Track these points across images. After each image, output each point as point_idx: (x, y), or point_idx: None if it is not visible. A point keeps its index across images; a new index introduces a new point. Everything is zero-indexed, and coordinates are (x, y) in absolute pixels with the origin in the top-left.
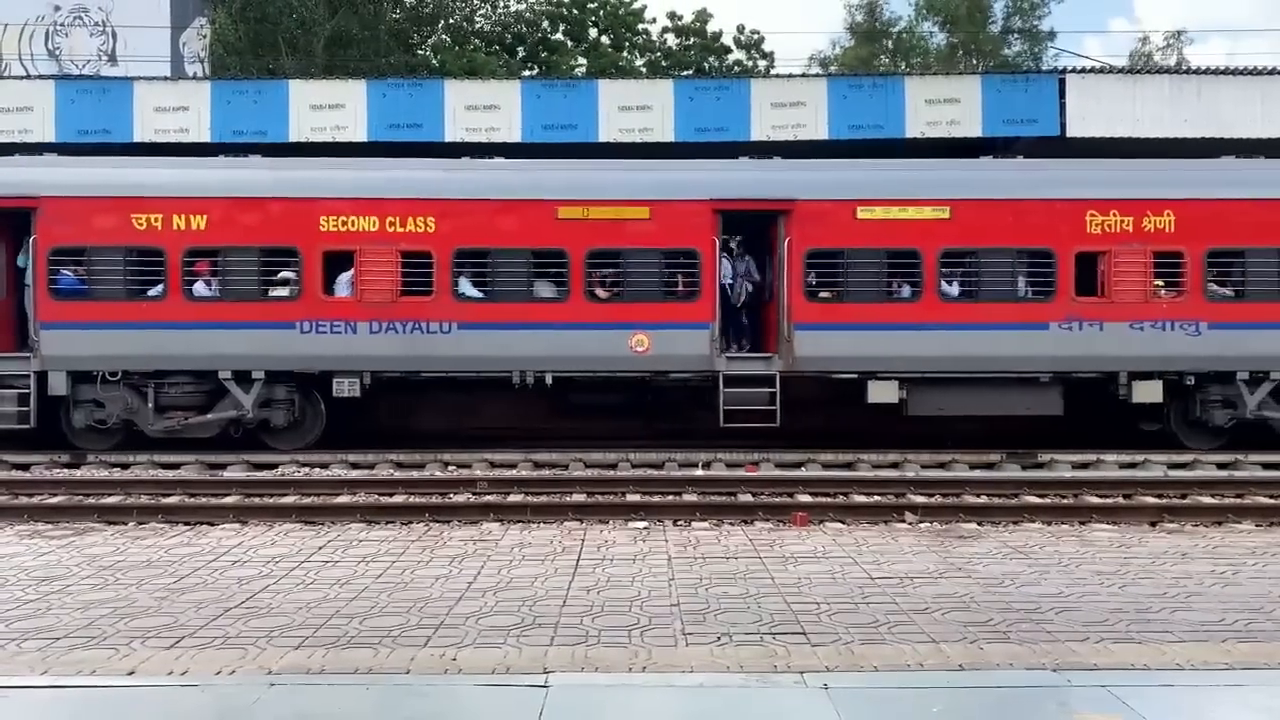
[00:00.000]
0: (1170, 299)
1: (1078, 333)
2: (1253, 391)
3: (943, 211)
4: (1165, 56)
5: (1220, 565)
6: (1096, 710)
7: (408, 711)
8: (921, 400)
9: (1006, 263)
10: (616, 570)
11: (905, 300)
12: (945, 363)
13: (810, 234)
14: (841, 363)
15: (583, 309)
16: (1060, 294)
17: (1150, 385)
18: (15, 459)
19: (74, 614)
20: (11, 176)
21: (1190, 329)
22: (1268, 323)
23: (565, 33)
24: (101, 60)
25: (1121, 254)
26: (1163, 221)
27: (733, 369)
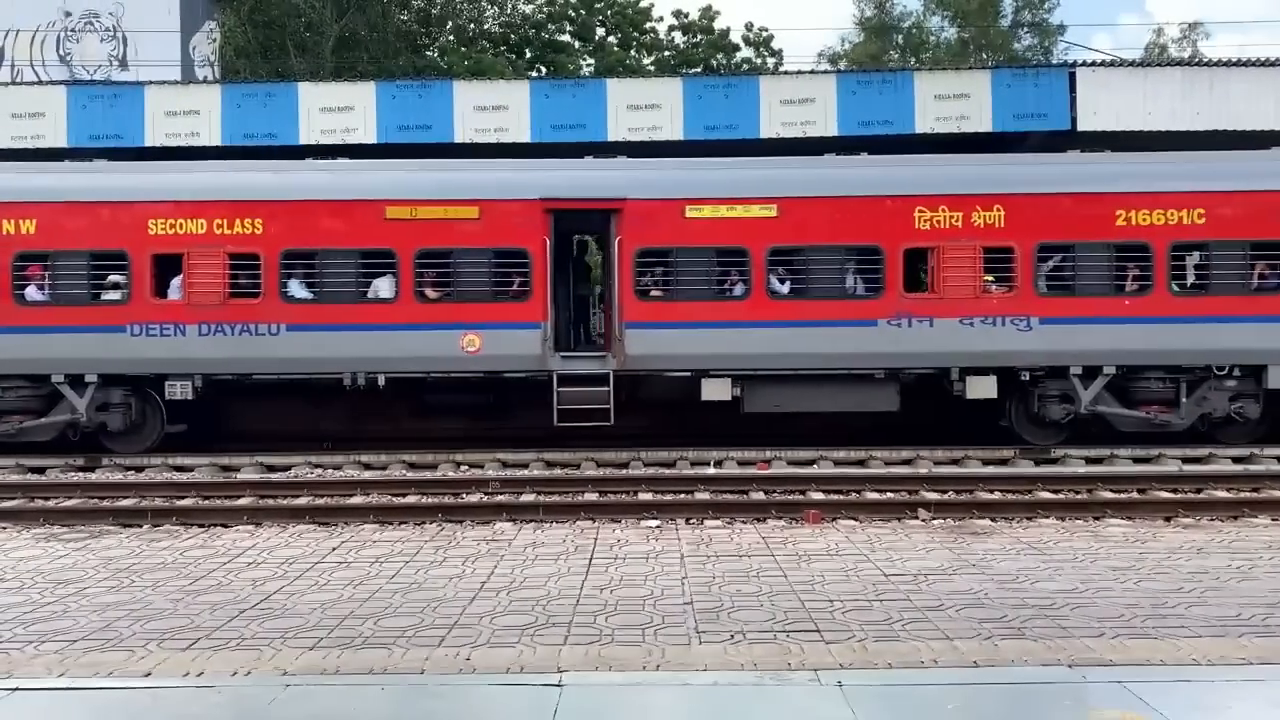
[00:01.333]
0: (1000, 294)
1: (907, 329)
2: (1086, 386)
3: (770, 210)
4: (1181, 49)
5: (1237, 560)
6: (1112, 706)
7: (423, 711)
8: (757, 397)
9: (835, 260)
10: (630, 569)
11: (735, 298)
12: (777, 360)
13: (640, 233)
14: (673, 361)
15: (412, 309)
16: (889, 290)
17: (984, 381)
18: (31, 462)
19: (90, 616)
20: None
21: (1021, 324)
22: (1098, 317)
23: (572, 33)
24: (112, 65)
25: (950, 250)
26: (992, 216)
27: (567, 368)
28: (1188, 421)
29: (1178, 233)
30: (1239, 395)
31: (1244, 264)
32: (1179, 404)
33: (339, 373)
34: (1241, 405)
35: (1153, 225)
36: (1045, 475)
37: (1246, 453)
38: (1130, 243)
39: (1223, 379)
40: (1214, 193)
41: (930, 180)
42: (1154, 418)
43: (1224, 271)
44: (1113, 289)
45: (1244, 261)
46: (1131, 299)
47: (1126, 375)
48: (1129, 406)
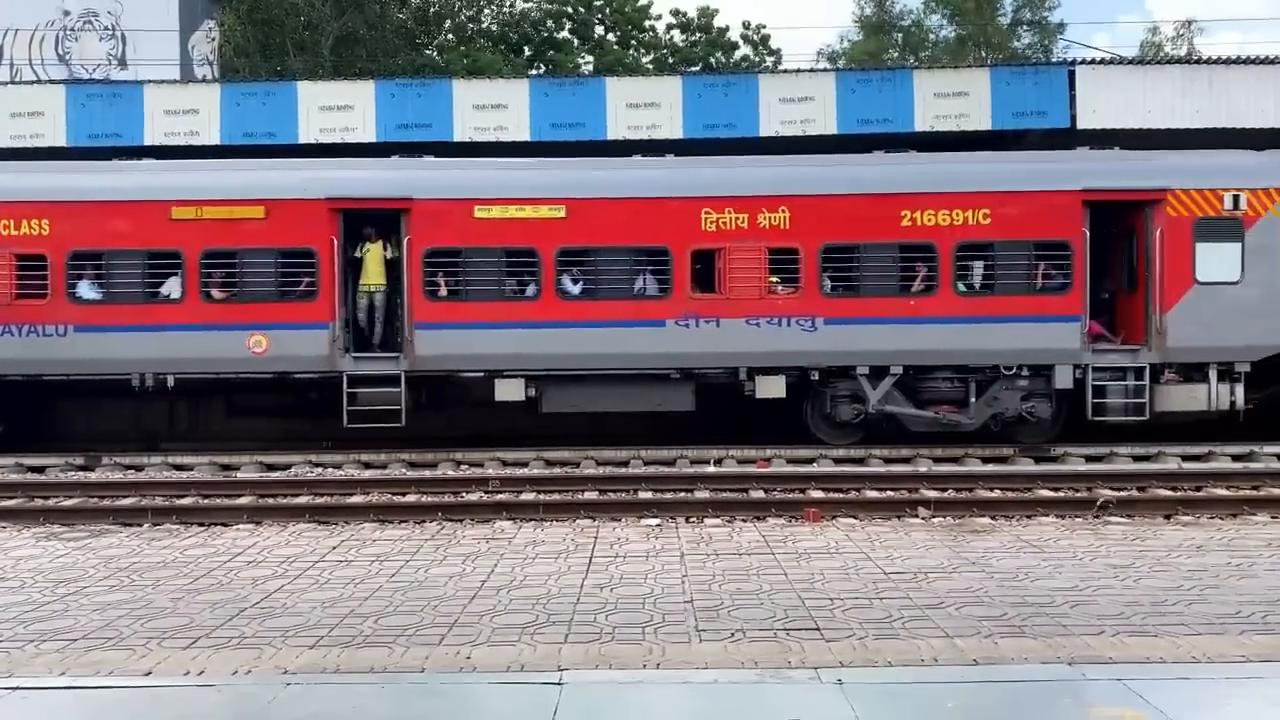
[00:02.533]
0: (787, 295)
1: (695, 329)
2: (874, 386)
3: (559, 211)
4: (1176, 46)
5: (1236, 557)
6: (1112, 704)
7: (423, 710)
8: (554, 398)
9: (624, 261)
10: (630, 567)
11: (526, 299)
12: (569, 360)
13: (429, 233)
14: (464, 361)
15: (199, 310)
16: (677, 291)
17: (773, 381)
18: (31, 461)
19: (91, 615)
20: None
21: (806, 324)
22: (884, 317)
23: (571, 31)
24: (111, 64)
25: (736, 251)
26: (778, 218)
27: (359, 369)
28: (978, 421)
29: (963, 233)
30: (1031, 395)
31: (1029, 264)
32: (969, 404)
33: (127, 374)
34: (1033, 405)
35: (938, 226)
36: (1045, 473)
37: (1246, 450)
38: (915, 243)
39: (1013, 379)
40: (999, 193)
41: (717, 182)
42: (943, 418)
43: (1009, 271)
44: (898, 289)
45: (1029, 261)
46: (917, 299)
47: (916, 375)
48: (920, 406)
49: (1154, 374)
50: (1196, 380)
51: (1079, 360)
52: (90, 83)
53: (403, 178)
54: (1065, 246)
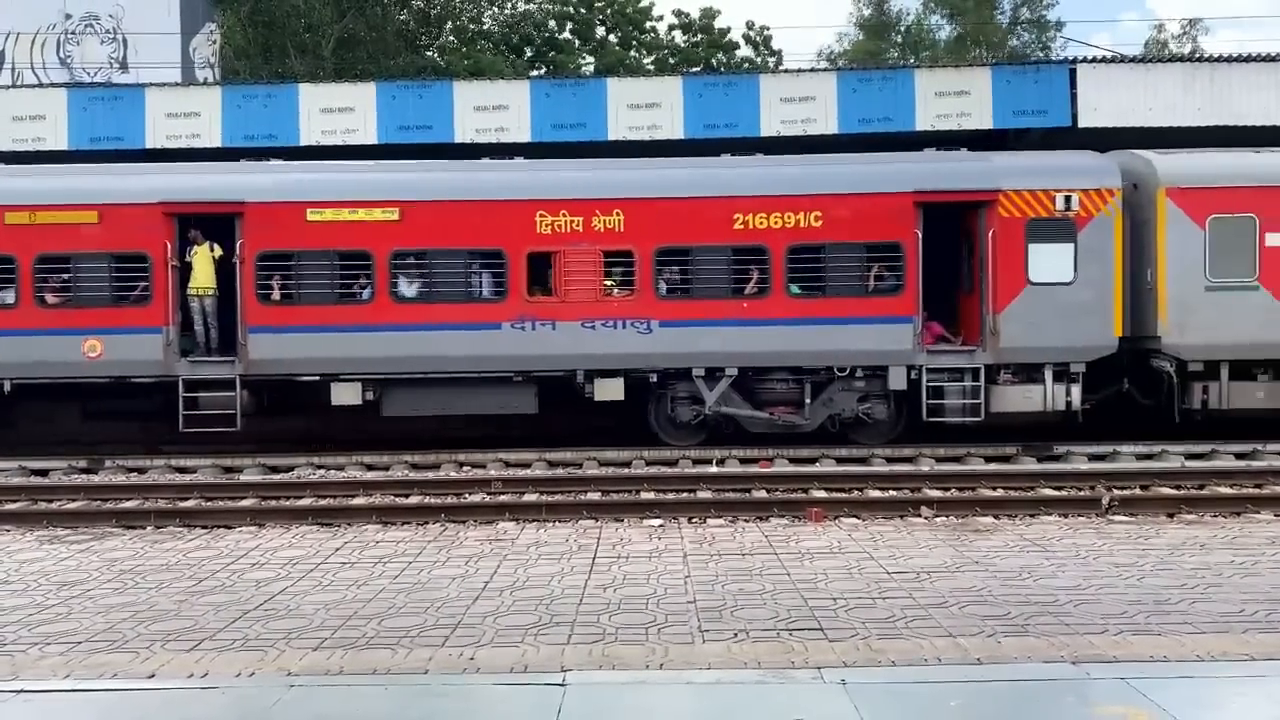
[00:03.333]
0: (622, 297)
1: (531, 332)
2: (711, 387)
3: (392, 213)
4: (1180, 45)
5: (1239, 556)
6: (1116, 703)
7: (426, 711)
8: (395, 401)
9: (459, 263)
10: (632, 568)
11: (360, 302)
12: (405, 364)
13: (262, 236)
14: (298, 365)
15: (33, 314)
16: (512, 294)
17: (611, 383)
18: (34, 465)
19: (95, 618)
20: None
21: (642, 327)
22: (717, 320)
23: (572, 31)
24: (113, 67)
25: (571, 254)
26: (612, 221)
27: (195, 373)
28: (814, 423)
29: (795, 235)
30: (868, 396)
31: (861, 266)
32: (805, 405)
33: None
34: (870, 406)
35: (770, 228)
36: (1047, 472)
37: (1249, 449)
38: (748, 245)
39: (850, 380)
40: (830, 195)
41: (551, 185)
42: (778, 419)
43: (841, 274)
44: (732, 292)
45: (861, 263)
46: (750, 302)
47: (754, 377)
48: (758, 407)
49: (991, 375)
50: (1032, 381)
51: (913, 361)
52: (92, 86)
53: (236, 181)
54: (897, 248)
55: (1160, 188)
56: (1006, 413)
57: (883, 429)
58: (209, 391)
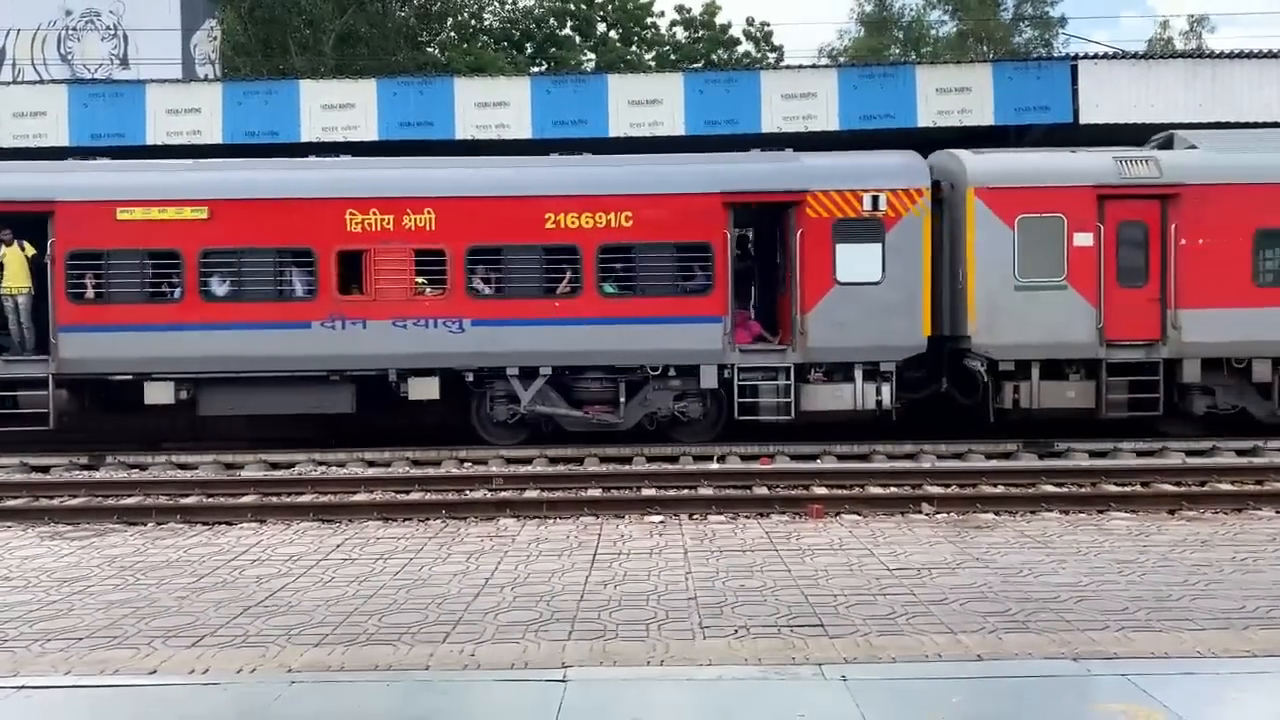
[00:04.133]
0: (434, 296)
1: (342, 331)
2: (526, 387)
3: (201, 212)
4: (1186, 41)
5: (1241, 552)
6: (1117, 700)
7: (427, 708)
8: (212, 400)
9: (268, 262)
10: (633, 564)
11: (170, 301)
12: (216, 363)
13: (72, 236)
14: (110, 364)
15: None
16: (323, 292)
17: (426, 382)
18: (35, 461)
19: (96, 614)
20: None
21: (454, 326)
22: (530, 319)
23: (573, 28)
24: (113, 64)
25: (382, 252)
26: (424, 219)
27: (10, 372)
28: (630, 422)
29: (606, 235)
30: (684, 395)
31: (672, 266)
32: (621, 404)
33: None
34: (685, 405)
35: (581, 228)
36: (1048, 469)
37: (1250, 445)
38: (560, 245)
39: (665, 379)
40: (640, 196)
41: (361, 183)
42: (593, 418)
43: (652, 273)
44: (544, 291)
45: (671, 264)
46: (562, 301)
47: (570, 376)
48: (576, 406)
49: (802, 374)
50: (843, 380)
51: (724, 360)
52: (92, 82)
53: (46, 181)
54: (707, 249)
55: (970, 187)
56: (817, 411)
57: (700, 428)
58: (26, 390)
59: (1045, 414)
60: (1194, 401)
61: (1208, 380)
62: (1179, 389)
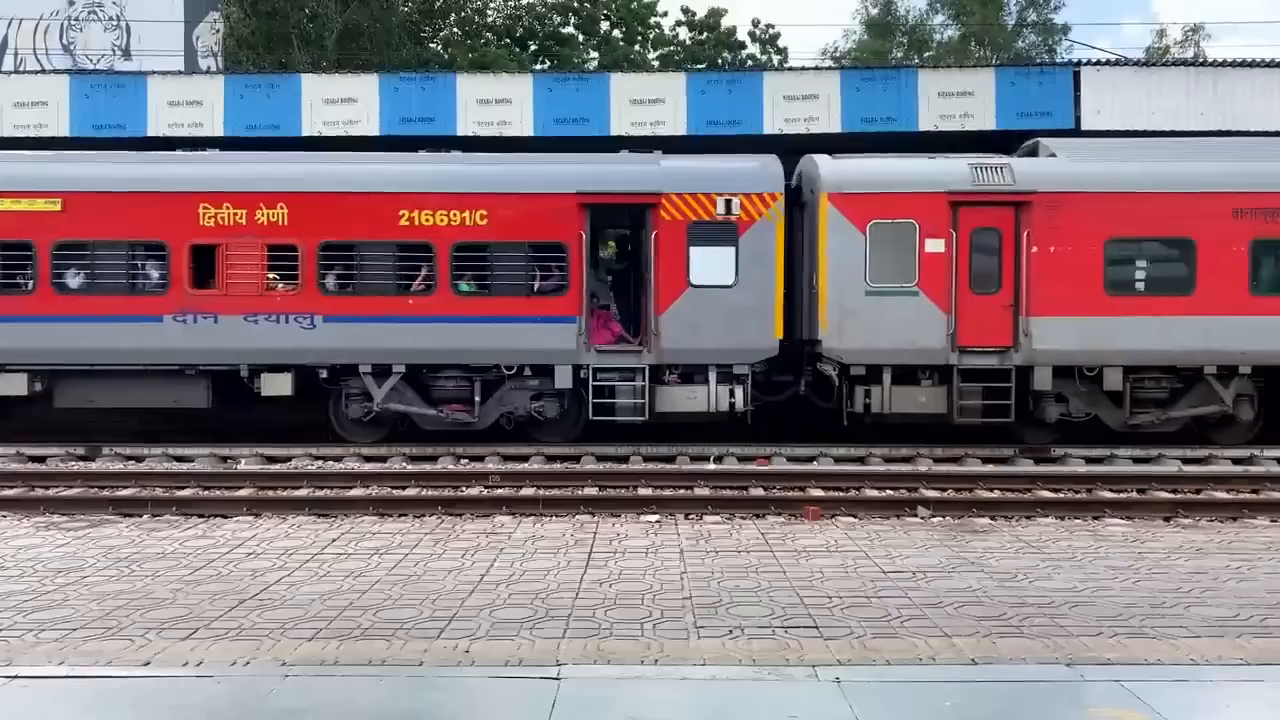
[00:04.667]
0: (286, 292)
1: (193, 325)
2: (380, 384)
3: (55, 204)
4: (1183, 50)
5: (1236, 560)
6: (1110, 705)
7: (421, 702)
8: (67, 393)
9: (120, 255)
10: (629, 563)
11: (24, 293)
12: (69, 355)
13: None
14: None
15: None
16: (175, 286)
17: (279, 378)
18: (32, 451)
19: (90, 605)
20: None
21: (305, 322)
22: (383, 316)
23: (577, 26)
24: (115, 55)
25: (235, 247)
26: (276, 214)
27: None
28: (486, 421)
29: (460, 234)
30: (541, 395)
31: (526, 266)
32: (476, 403)
33: None
34: (542, 405)
35: (436, 226)
36: (1045, 474)
37: (1247, 454)
38: (414, 242)
39: (522, 378)
40: (496, 194)
41: (214, 178)
42: (448, 416)
43: (506, 273)
44: (397, 288)
45: (526, 263)
46: (416, 298)
47: (427, 374)
48: (433, 405)
49: (659, 375)
50: (697, 381)
51: (578, 361)
52: (94, 73)
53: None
54: (561, 249)
55: (823, 192)
56: (673, 412)
57: (559, 428)
58: None
59: (898, 419)
60: (1047, 409)
61: (1061, 388)
62: (1033, 396)
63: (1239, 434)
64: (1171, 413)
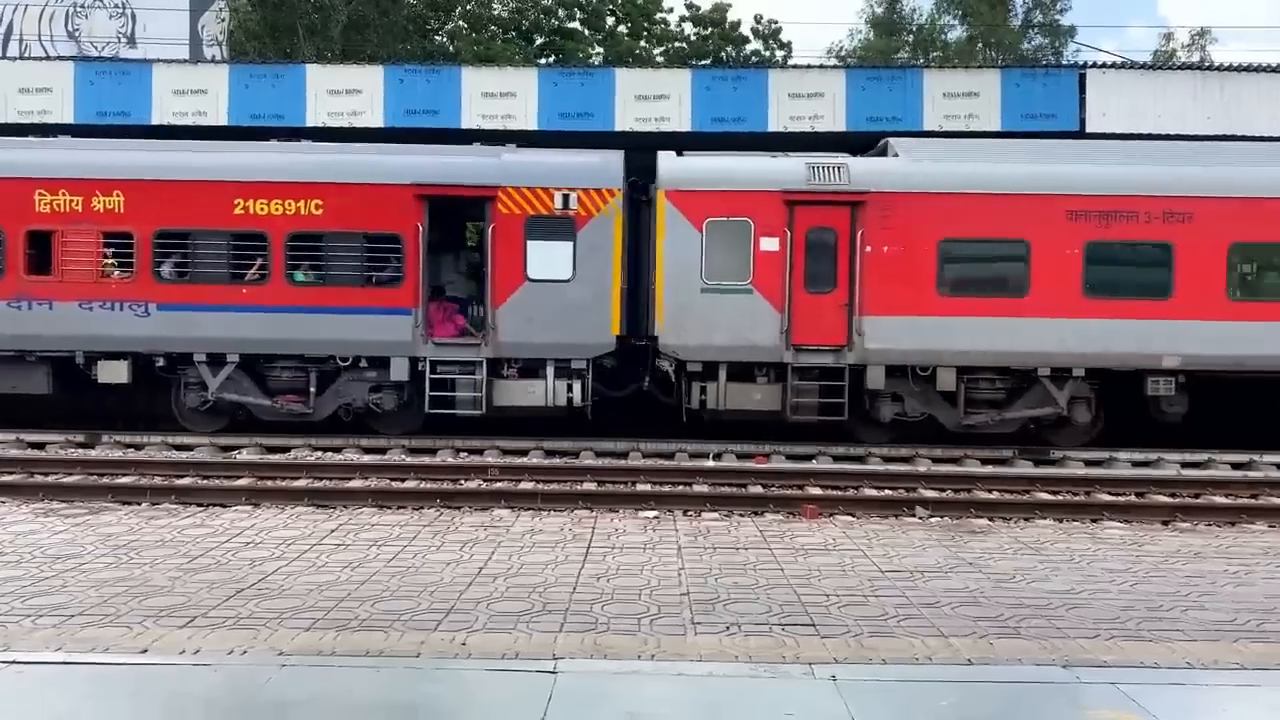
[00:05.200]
0: (121, 279)
1: (28, 311)
2: (216, 374)
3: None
4: (1189, 54)
5: (1233, 565)
6: (1106, 707)
7: (417, 695)
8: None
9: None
10: (626, 559)
11: None
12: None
13: None
14: None
15: None
16: (10, 272)
17: (115, 365)
18: (31, 438)
19: (88, 592)
20: None
21: (140, 309)
22: (216, 305)
23: (582, 20)
24: (120, 42)
25: (70, 233)
26: (112, 202)
27: None
28: (323, 412)
29: (296, 223)
30: (379, 387)
31: (361, 257)
32: (313, 394)
33: None
34: (380, 397)
35: (270, 215)
36: (1044, 476)
37: (1246, 459)
38: (249, 231)
39: (360, 370)
40: (332, 184)
41: (51, 164)
42: (282, 407)
43: (341, 263)
44: (232, 277)
45: (361, 254)
46: (251, 288)
47: (265, 364)
48: (269, 396)
49: (498, 369)
50: (535, 376)
51: (414, 353)
52: (99, 60)
53: None
54: (397, 240)
55: (660, 189)
56: (511, 406)
57: (399, 420)
58: None
59: (734, 416)
60: (881, 408)
61: (895, 387)
62: (868, 395)
63: (1076, 436)
64: (1006, 414)
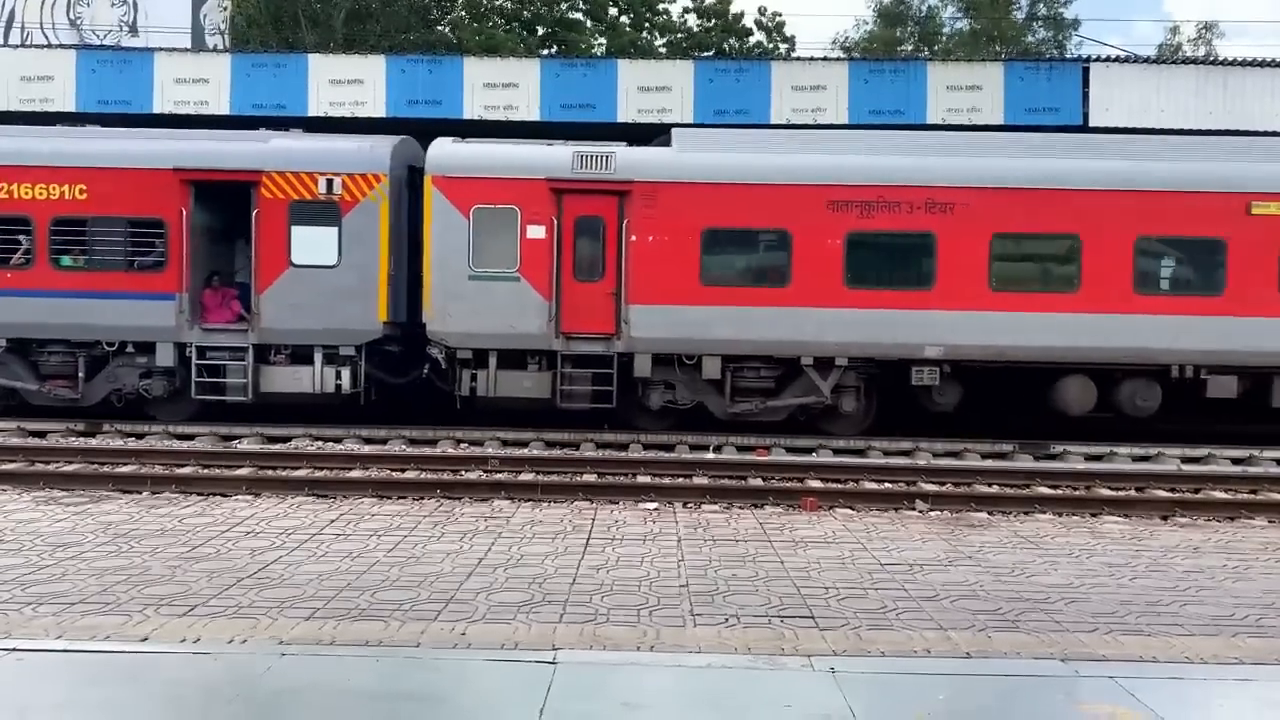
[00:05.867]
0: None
1: None
2: None
3: None
4: (1195, 48)
5: (1232, 560)
6: (1104, 702)
7: (417, 684)
8: None
9: None
10: (626, 550)
11: None
12: None
13: None
14: None
15: None
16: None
17: None
18: (32, 426)
19: (88, 580)
20: None
21: None
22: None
23: (585, 11)
24: (122, 31)
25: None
26: None
27: None
28: (93, 398)
29: (59, 207)
30: (150, 372)
31: (123, 241)
32: (83, 379)
33: None
34: (150, 382)
35: (35, 199)
36: (1044, 470)
37: (1245, 454)
38: (12, 215)
39: (129, 355)
40: (95, 169)
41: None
42: (51, 392)
43: (104, 247)
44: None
45: (124, 238)
46: (15, 272)
47: (35, 348)
48: (42, 380)
49: (265, 355)
50: (303, 362)
51: (180, 339)
52: (101, 49)
53: None
54: (161, 225)
55: (429, 175)
56: (279, 393)
57: (172, 406)
58: None
59: (504, 403)
60: (651, 396)
61: (664, 375)
62: (639, 383)
63: (848, 426)
64: (771, 402)
